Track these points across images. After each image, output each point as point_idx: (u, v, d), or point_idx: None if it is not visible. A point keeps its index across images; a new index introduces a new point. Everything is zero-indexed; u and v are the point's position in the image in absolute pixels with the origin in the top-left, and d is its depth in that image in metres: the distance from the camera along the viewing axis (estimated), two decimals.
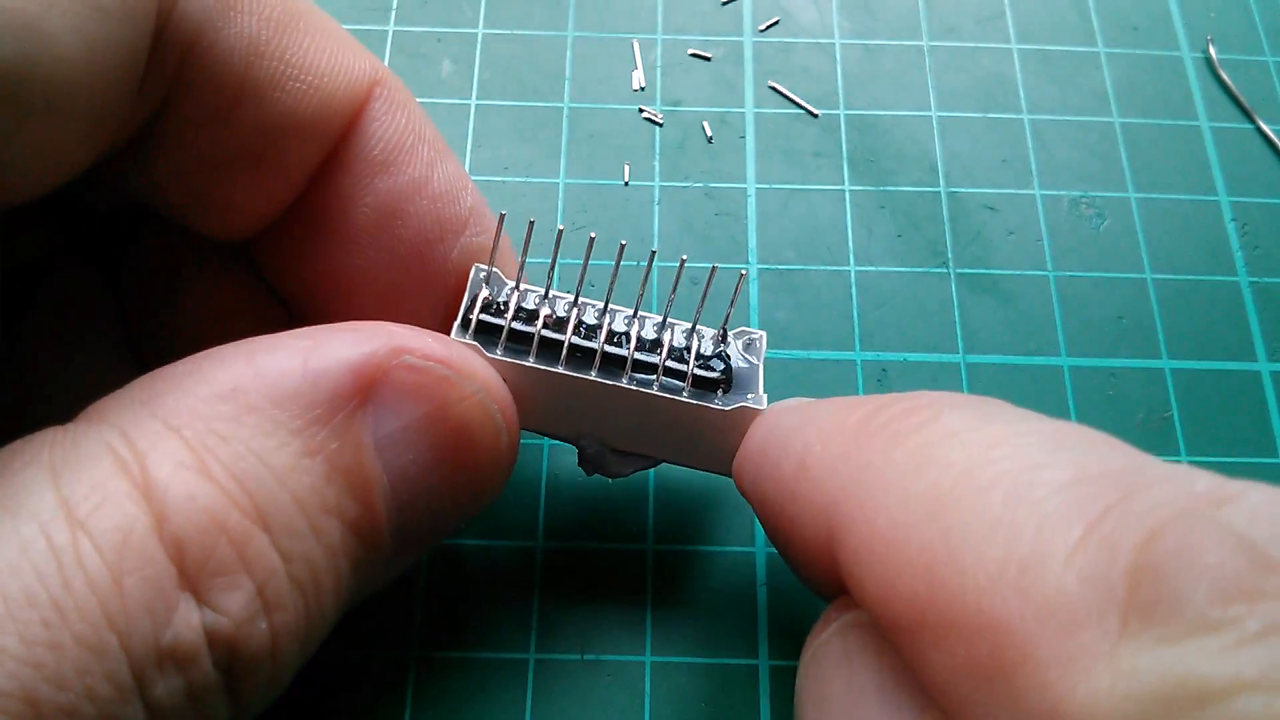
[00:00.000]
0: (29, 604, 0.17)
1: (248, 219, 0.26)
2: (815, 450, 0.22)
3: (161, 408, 0.21)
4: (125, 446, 0.20)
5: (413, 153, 0.26)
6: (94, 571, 0.18)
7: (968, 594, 0.17)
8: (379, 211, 0.26)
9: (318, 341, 0.22)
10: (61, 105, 0.19)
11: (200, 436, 0.20)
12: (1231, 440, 0.33)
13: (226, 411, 0.21)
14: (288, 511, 0.21)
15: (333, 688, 0.29)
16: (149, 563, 0.19)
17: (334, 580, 0.22)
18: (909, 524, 0.18)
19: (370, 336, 0.23)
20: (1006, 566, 0.16)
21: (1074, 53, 0.41)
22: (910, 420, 0.20)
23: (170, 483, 0.19)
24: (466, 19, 0.41)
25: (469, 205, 0.27)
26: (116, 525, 0.19)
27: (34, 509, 0.18)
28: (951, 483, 0.18)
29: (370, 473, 0.22)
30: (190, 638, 0.19)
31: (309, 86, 0.24)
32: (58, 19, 0.18)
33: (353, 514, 0.22)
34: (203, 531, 0.19)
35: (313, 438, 0.21)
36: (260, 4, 0.23)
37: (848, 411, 0.22)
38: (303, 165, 0.25)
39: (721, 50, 0.40)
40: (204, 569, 0.19)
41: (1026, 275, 0.36)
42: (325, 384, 0.22)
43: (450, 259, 0.27)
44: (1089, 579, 0.16)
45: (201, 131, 0.24)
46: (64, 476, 0.19)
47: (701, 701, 0.29)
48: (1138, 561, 0.15)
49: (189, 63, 0.23)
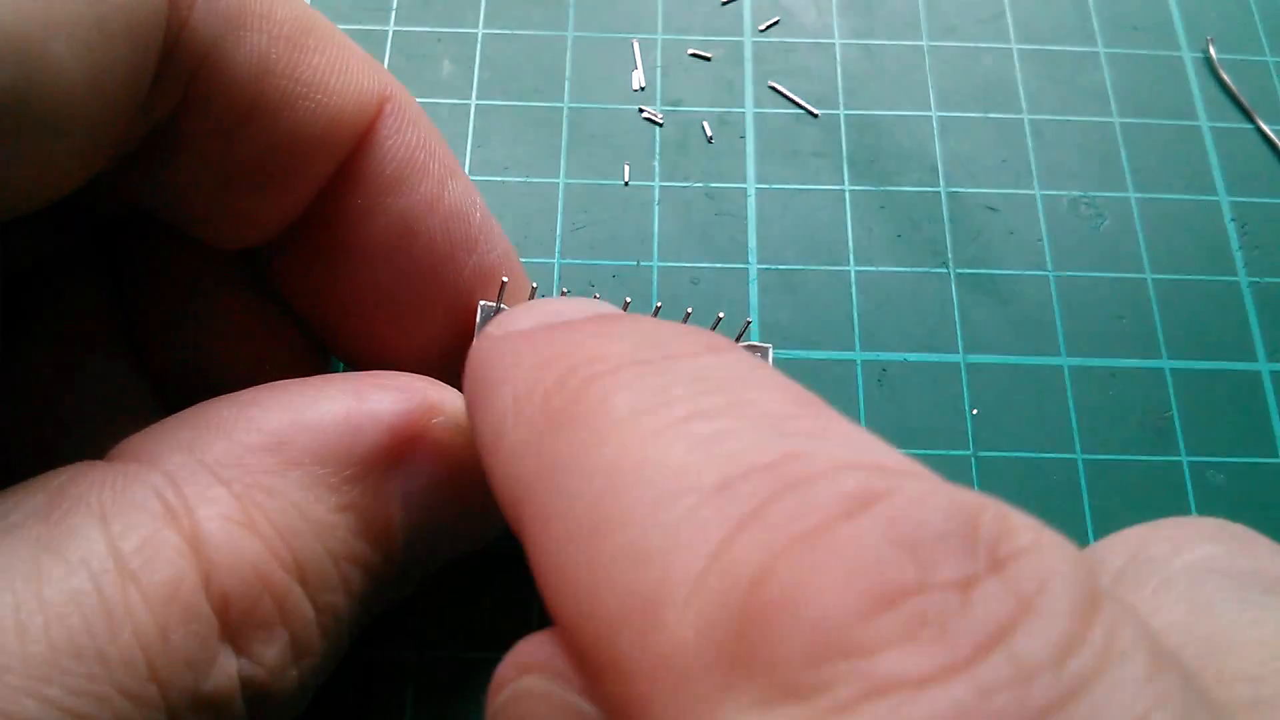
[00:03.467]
0: (76, 656, 0.18)
1: (255, 231, 0.26)
2: (507, 424, 0.19)
3: (208, 454, 0.21)
4: (174, 494, 0.20)
5: (425, 170, 0.26)
6: (141, 624, 0.18)
7: (602, 628, 0.15)
8: (392, 230, 0.26)
9: (360, 397, 0.23)
10: (62, 124, 0.19)
11: (248, 491, 0.21)
12: (1231, 440, 0.33)
13: (272, 464, 0.21)
14: (323, 564, 0.21)
15: (333, 688, 0.28)
16: (195, 618, 0.19)
17: (351, 622, 0.23)
18: (567, 538, 0.16)
19: (408, 396, 0.23)
20: (633, 602, 0.14)
21: (1074, 53, 0.41)
22: (581, 401, 0.18)
23: (220, 538, 0.20)
24: (466, 19, 0.41)
25: (479, 223, 0.27)
26: (166, 579, 0.19)
27: (84, 557, 0.19)
28: (608, 491, 0.16)
29: (395, 526, 0.23)
30: (227, 686, 0.19)
31: (319, 104, 0.24)
32: (60, 40, 0.18)
33: (376, 564, 0.23)
34: (247, 586, 0.20)
35: (348, 494, 0.22)
36: (271, 21, 0.23)
37: (544, 368, 0.19)
38: (312, 181, 0.25)
39: (721, 50, 0.40)
40: (246, 621, 0.20)
41: (1026, 275, 0.36)
42: (365, 442, 0.22)
43: (462, 276, 0.27)
44: (702, 626, 0.14)
45: (210, 147, 0.24)
46: (114, 523, 0.19)
47: None
48: (747, 604, 0.13)
49: (199, 80, 0.23)
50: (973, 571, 0.13)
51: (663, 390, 0.17)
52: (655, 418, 0.16)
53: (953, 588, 0.13)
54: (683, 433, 0.16)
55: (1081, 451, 0.33)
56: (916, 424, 0.33)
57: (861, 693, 0.12)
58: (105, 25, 0.19)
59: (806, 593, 0.13)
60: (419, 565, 0.25)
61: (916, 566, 0.13)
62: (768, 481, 0.14)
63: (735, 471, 0.15)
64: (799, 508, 0.14)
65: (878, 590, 0.13)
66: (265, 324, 0.28)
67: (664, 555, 0.14)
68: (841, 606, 0.13)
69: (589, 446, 0.17)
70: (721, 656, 0.13)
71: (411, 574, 0.25)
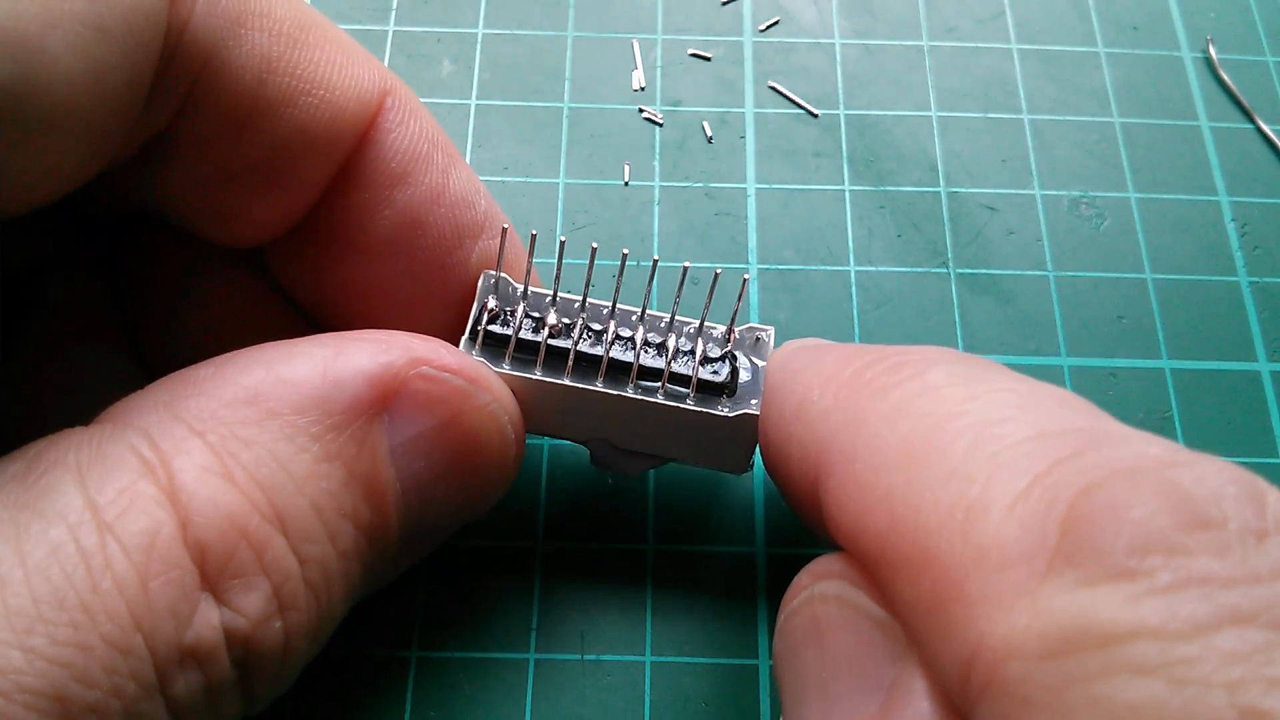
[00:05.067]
0: (58, 606, 0.18)
1: (259, 229, 0.26)
2: (812, 396, 0.23)
3: (184, 411, 0.21)
4: (149, 448, 0.20)
5: (428, 161, 0.26)
6: (121, 574, 0.19)
7: (919, 533, 0.18)
8: (398, 223, 0.26)
9: (338, 350, 0.23)
10: (61, 124, 0.19)
11: (223, 441, 0.21)
12: (1231, 440, 0.33)
13: (249, 416, 0.21)
14: (305, 516, 0.21)
15: (333, 687, 0.29)
16: (174, 565, 0.19)
17: (344, 581, 0.22)
18: (880, 469, 0.20)
19: (388, 347, 0.23)
20: (955, 510, 0.17)
21: (1074, 53, 0.41)
22: (897, 375, 0.21)
23: (195, 487, 0.20)
24: (466, 19, 0.41)
25: (483, 209, 0.27)
26: (143, 529, 0.19)
27: (62, 511, 0.19)
28: (923, 433, 0.19)
29: (385, 479, 0.23)
30: (210, 637, 0.19)
31: (321, 100, 0.24)
32: (59, 39, 0.18)
33: (366, 518, 0.22)
34: (225, 535, 0.20)
35: (331, 444, 0.22)
36: (271, 19, 0.23)
37: (845, 362, 0.23)
38: (315, 178, 0.25)
39: (721, 50, 0.40)
40: (224, 571, 0.20)
41: (1026, 275, 0.36)
42: (345, 392, 0.22)
43: (468, 264, 0.27)
44: (1026, 525, 0.16)
45: (213, 146, 0.24)
46: (91, 479, 0.19)
47: (702, 701, 0.29)
48: (1072, 511, 0.16)
49: (201, 81, 0.23)
50: (1263, 527, 0.15)
51: (971, 369, 0.21)
52: (968, 387, 0.20)
53: (1250, 534, 0.15)
54: (996, 397, 0.19)
55: None
56: None
57: (1179, 580, 0.15)
58: (104, 25, 0.19)
59: (1131, 503, 0.16)
60: (419, 531, 0.24)
61: (1221, 511, 0.15)
62: (1083, 437, 0.17)
63: (1051, 428, 0.18)
64: (1115, 457, 0.17)
65: (1192, 516, 0.15)
66: (267, 317, 0.28)
67: (986, 476, 0.17)
68: (1163, 517, 0.15)
69: (907, 400, 0.20)
70: (1042, 548, 0.16)
71: (414, 542, 0.25)
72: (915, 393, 0.21)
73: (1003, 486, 0.17)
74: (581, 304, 0.27)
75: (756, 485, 0.32)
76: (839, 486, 0.21)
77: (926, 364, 0.21)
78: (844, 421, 0.22)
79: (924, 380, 0.21)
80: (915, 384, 0.21)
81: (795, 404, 0.24)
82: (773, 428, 0.25)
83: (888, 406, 0.21)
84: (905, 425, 0.20)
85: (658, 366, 0.27)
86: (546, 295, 0.27)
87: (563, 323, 0.27)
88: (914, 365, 0.22)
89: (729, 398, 0.27)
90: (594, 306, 0.27)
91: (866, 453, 0.20)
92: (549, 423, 0.28)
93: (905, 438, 0.20)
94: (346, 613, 0.23)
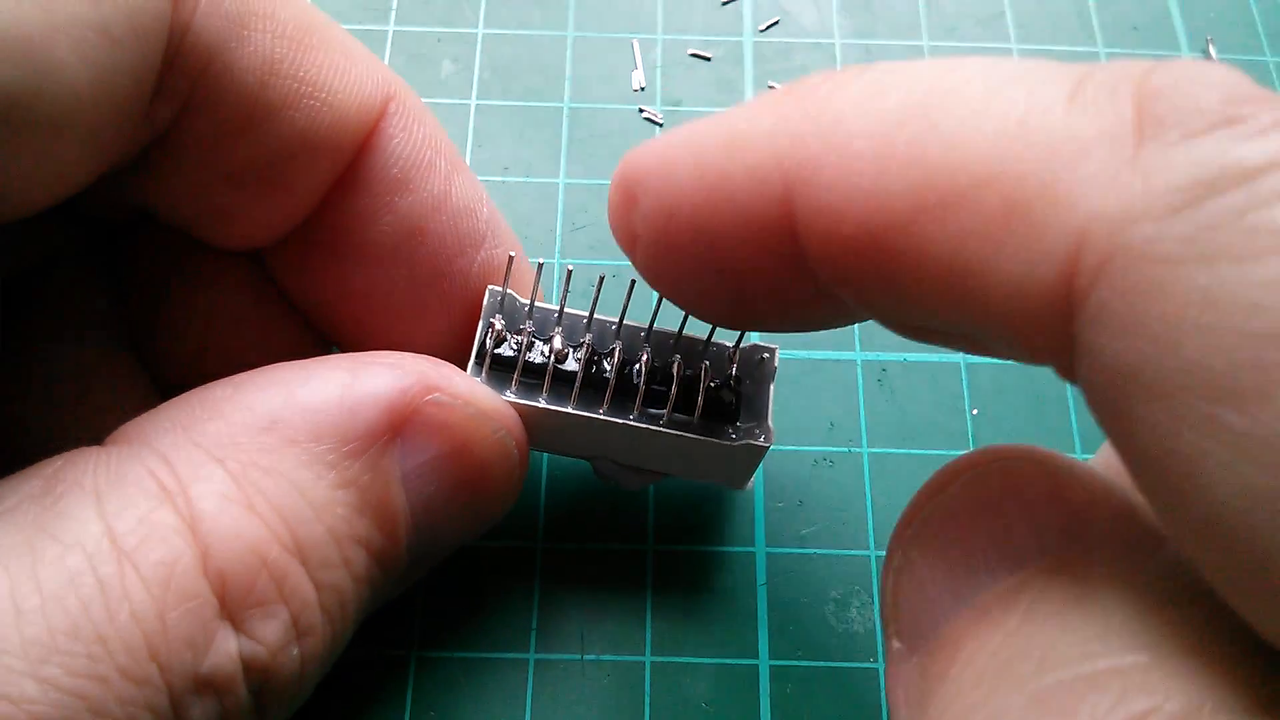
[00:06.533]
0: (74, 636, 0.18)
1: (259, 232, 0.26)
2: (740, 127, 0.19)
3: (203, 435, 0.21)
4: (168, 474, 0.20)
5: (431, 168, 0.26)
6: (139, 605, 0.18)
7: (969, 160, 0.16)
8: (399, 230, 0.26)
9: (354, 374, 0.23)
10: (65, 128, 0.19)
11: (244, 469, 0.21)
12: None
13: (268, 443, 0.21)
14: (323, 543, 0.21)
15: (333, 687, 0.28)
16: (192, 596, 0.19)
17: (356, 604, 0.23)
18: (887, 133, 0.17)
19: (404, 373, 0.23)
20: (1005, 126, 0.16)
21: (1074, 53, 0.41)
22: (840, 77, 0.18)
23: (216, 516, 0.20)
24: (466, 19, 0.41)
25: (486, 218, 0.27)
26: (162, 559, 0.19)
27: (79, 538, 0.19)
28: (924, 91, 0.17)
29: (396, 504, 0.23)
30: (227, 666, 0.19)
31: (323, 104, 0.24)
32: (63, 43, 0.18)
33: (378, 543, 0.23)
34: (246, 565, 0.20)
35: (347, 470, 0.22)
36: (275, 20, 0.23)
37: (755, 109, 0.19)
38: (317, 182, 0.25)
39: (721, 50, 0.40)
40: (245, 600, 0.20)
41: None
42: (361, 418, 0.22)
43: (470, 273, 0.27)
44: (1094, 114, 0.15)
45: (214, 149, 0.24)
46: (109, 504, 0.19)
47: (701, 701, 0.29)
48: (1141, 90, 0.15)
49: (203, 83, 0.22)
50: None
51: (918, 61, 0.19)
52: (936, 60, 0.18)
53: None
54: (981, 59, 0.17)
55: (1082, 451, 0.33)
56: (916, 424, 0.33)
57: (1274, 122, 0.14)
58: (108, 29, 0.19)
59: (1204, 70, 0.15)
60: (424, 551, 0.25)
61: None
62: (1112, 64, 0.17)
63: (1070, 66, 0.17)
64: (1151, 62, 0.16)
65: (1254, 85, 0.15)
66: (268, 320, 0.28)
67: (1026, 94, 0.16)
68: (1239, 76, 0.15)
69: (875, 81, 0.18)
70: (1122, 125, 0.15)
71: (419, 561, 0.25)
72: (881, 73, 0.18)
73: (1050, 93, 0.16)
74: (588, 323, 0.27)
75: (757, 486, 0.32)
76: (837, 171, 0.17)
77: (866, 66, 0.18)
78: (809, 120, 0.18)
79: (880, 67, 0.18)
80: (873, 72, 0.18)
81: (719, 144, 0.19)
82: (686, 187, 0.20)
83: (858, 90, 0.18)
84: (896, 95, 0.17)
85: (663, 391, 0.27)
86: (553, 311, 0.27)
87: (568, 346, 0.27)
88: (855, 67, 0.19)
89: (733, 422, 0.27)
90: (600, 323, 0.27)
91: (860, 129, 0.17)
92: (553, 443, 0.28)
93: (903, 101, 0.17)
94: (355, 631, 0.24)
